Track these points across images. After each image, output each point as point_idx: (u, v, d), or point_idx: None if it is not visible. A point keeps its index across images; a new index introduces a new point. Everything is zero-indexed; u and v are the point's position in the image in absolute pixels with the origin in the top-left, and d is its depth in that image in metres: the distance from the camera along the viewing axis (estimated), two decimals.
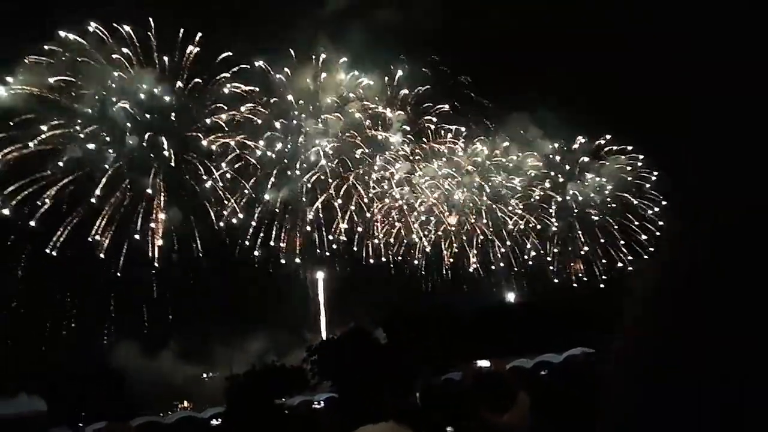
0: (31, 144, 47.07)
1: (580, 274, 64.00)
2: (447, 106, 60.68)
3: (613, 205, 64.70)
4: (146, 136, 51.04)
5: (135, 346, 49.10)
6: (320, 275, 56.81)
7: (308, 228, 56.32)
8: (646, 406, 0.56)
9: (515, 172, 63.23)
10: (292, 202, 56.22)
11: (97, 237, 49.19)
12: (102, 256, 49.10)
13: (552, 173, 64.40)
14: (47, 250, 47.13)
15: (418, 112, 60.70)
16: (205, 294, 50.87)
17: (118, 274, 49.10)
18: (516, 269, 62.67)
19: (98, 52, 49.90)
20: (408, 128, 59.86)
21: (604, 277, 62.16)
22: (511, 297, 61.63)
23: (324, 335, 49.52)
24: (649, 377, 0.57)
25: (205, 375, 50.38)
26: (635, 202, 64.42)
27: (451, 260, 60.68)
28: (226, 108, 53.86)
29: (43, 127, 47.62)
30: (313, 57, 55.95)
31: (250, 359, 44.40)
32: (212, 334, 51.14)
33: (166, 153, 51.72)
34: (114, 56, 50.23)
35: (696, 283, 0.58)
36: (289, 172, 56.21)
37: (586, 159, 65.39)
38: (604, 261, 63.72)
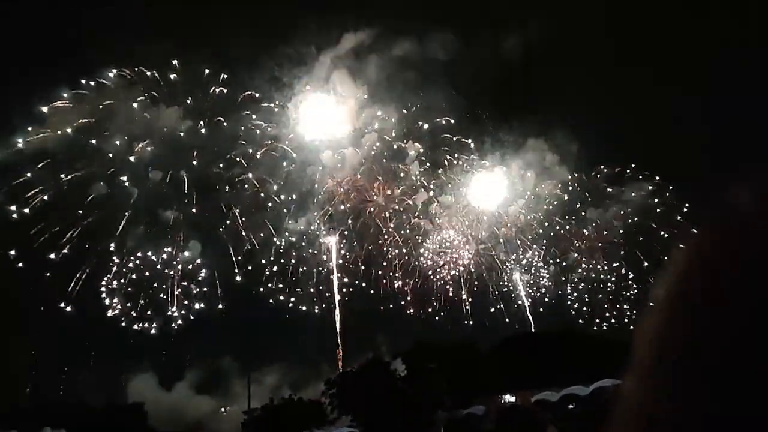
0: (45, 195, 48.11)
1: (606, 305, 62.27)
2: (466, 138, 60.97)
3: (641, 238, 62.79)
4: (168, 174, 52.04)
5: (152, 379, 49.02)
6: (337, 308, 56.39)
7: (325, 269, 56.31)
8: (669, 419, 0.55)
9: (534, 201, 62.62)
10: (308, 238, 56.42)
11: (115, 283, 50.00)
12: (119, 307, 49.81)
13: (572, 201, 63.56)
14: (62, 305, 47.81)
15: (436, 143, 61.01)
16: (223, 328, 50.94)
17: (135, 327, 49.74)
18: (537, 299, 61.47)
19: (123, 94, 51.48)
20: (425, 159, 60.10)
21: (634, 316, 59.52)
22: (533, 328, 60.24)
23: (341, 368, 48.83)
24: (675, 389, 0.56)
25: (222, 409, 49.80)
26: (665, 234, 62.08)
27: (471, 296, 59.82)
28: (246, 144, 54.87)
29: (63, 174, 48.86)
30: (331, 91, 56.95)
31: (267, 393, 43.80)
32: (229, 367, 50.92)
33: (186, 191, 52.62)
34: (139, 98, 51.83)
35: (715, 293, 0.56)
36: (305, 207, 56.59)
37: (609, 189, 64.20)
38: (631, 296, 61.40)
